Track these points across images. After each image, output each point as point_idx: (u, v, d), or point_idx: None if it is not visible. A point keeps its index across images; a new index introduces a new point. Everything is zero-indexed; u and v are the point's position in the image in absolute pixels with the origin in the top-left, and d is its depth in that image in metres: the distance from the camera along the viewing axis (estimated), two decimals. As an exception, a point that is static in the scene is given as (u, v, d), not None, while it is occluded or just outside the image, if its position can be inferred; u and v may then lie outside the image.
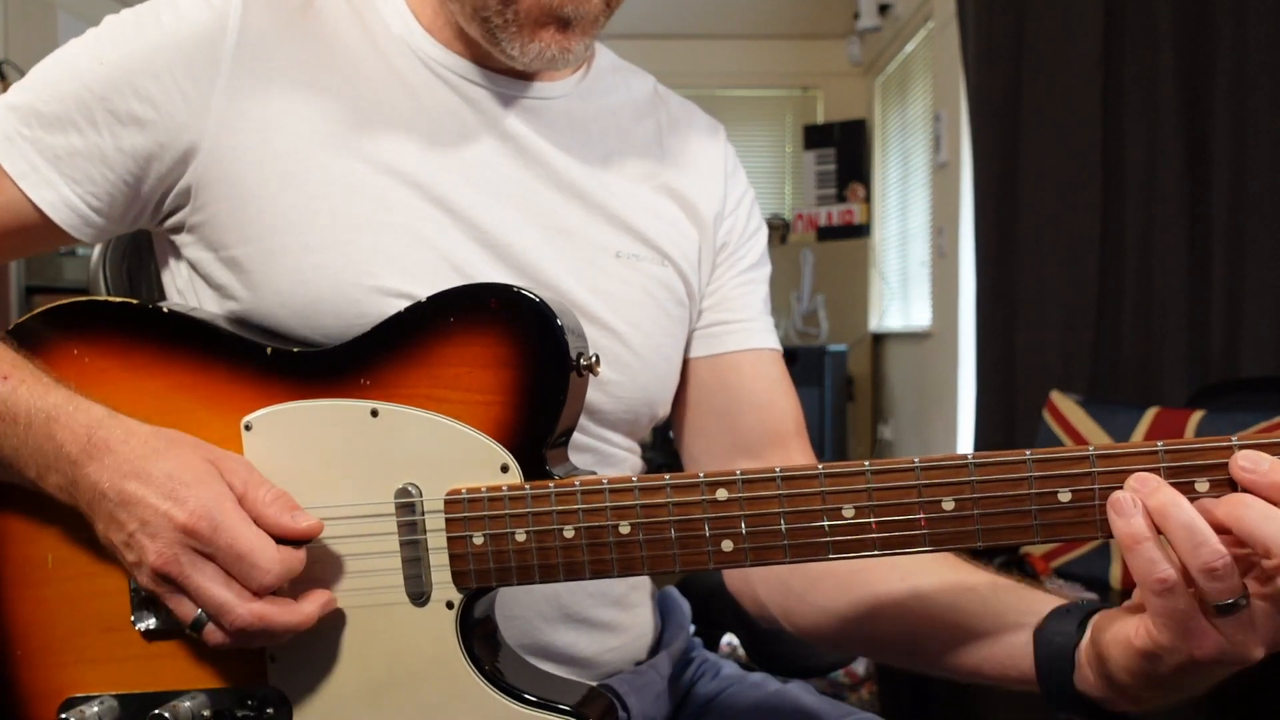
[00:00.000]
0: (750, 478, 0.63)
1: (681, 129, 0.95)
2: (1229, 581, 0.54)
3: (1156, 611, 0.56)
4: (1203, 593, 0.54)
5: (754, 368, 0.92)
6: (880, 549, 0.62)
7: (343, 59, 0.80)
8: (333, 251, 0.75)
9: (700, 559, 0.64)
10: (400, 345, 0.70)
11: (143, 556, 0.63)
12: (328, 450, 0.69)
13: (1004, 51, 3.13)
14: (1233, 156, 2.56)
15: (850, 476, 0.62)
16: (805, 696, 0.91)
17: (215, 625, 0.64)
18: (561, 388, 0.68)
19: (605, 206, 0.85)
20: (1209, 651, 0.55)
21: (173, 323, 0.73)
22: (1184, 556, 0.54)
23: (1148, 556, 0.55)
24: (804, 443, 0.93)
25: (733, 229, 0.94)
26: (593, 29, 0.79)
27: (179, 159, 0.76)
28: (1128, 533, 0.56)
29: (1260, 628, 0.54)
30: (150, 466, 0.64)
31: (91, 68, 0.75)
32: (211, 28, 0.76)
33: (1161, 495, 0.55)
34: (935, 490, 0.60)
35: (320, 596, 0.67)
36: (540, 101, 0.85)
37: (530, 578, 0.67)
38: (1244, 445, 0.55)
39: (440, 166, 0.79)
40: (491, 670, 0.69)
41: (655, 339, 0.86)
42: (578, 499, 0.65)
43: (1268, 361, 2.50)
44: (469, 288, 0.70)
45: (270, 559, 0.63)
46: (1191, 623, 0.55)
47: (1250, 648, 0.55)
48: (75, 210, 0.77)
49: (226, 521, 0.63)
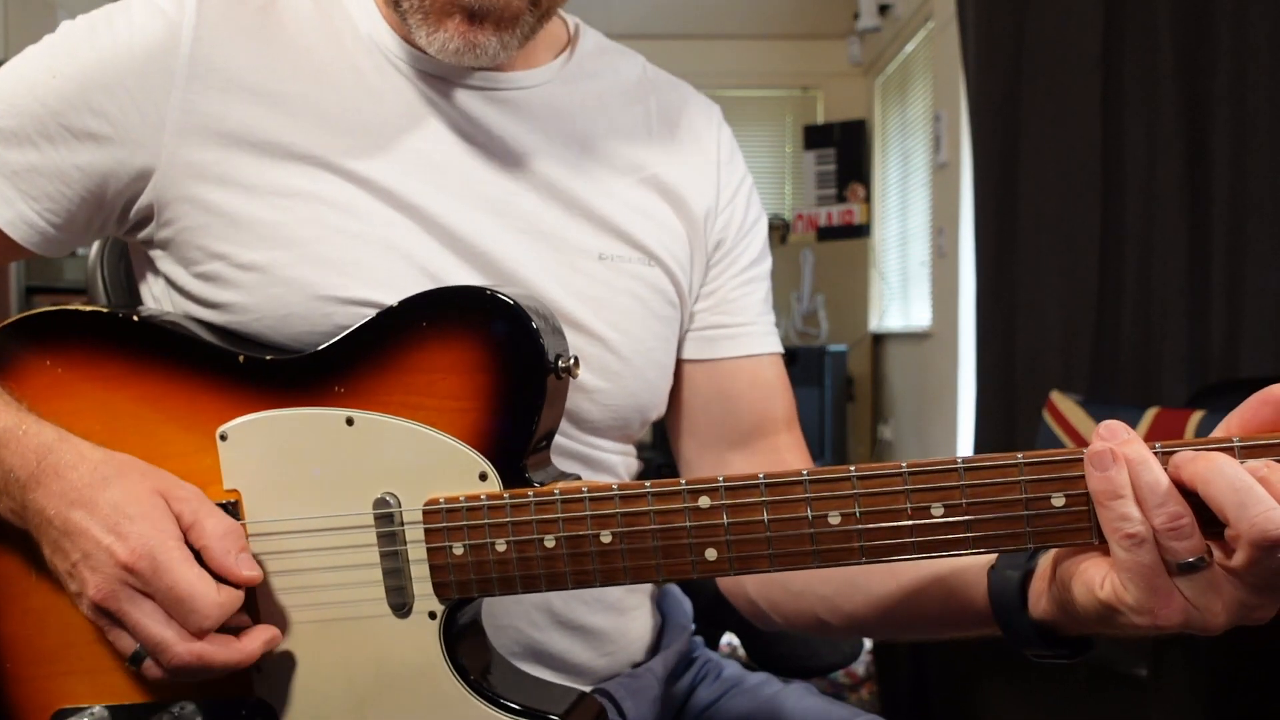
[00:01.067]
0: (733, 485, 0.61)
1: (672, 114, 0.90)
2: (1190, 541, 0.53)
3: (1124, 566, 0.55)
4: (1165, 551, 0.54)
5: (752, 374, 0.89)
6: (867, 557, 0.60)
7: (305, 63, 0.77)
8: (303, 266, 0.74)
9: (684, 568, 0.63)
10: (374, 352, 0.69)
11: (83, 589, 0.63)
12: (304, 460, 0.68)
13: (1004, 51, 3.13)
14: (1233, 156, 2.56)
15: (835, 482, 0.60)
16: (806, 699, 0.90)
17: (153, 661, 0.63)
18: (539, 392, 0.66)
19: (587, 206, 0.82)
20: (1174, 615, 0.54)
21: (145, 331, 0.72)
22: (1147, 513, 0.54)
23: (1120, 512, 0.54)
24: (794, 436, 0.91)
25: (729, 223, 0.90)
26: (513, 26, 0.74)
27: (136, 176, 0.75)
28: (1105, 488, 0.54)
29: (1224, 593, 0.54)
30: (97, 495, 0.63)
31: (45, 81, 0.74)
32: (164, 37, 0.74)
33: (1131, 449, 0.54)
34: (924, 496, 0.59)
35: (263, 633, 0.66)
36: (517, 93, 0.82)
37: (512, 588, 0.66)
38: (1245, 445, 0.54)
39: (408, 173, 0.77)
40: (477, 679, 0.68)
41: (645, 344, 0.83)
42: (558, 508, 0.64)
43: (1268, 361, 2.50)
44: (440, 291, 0.69)
45: (210, 603, 0.62)
46: (1157, 580, 0.54)
47: (1214, 614, 0.54)
48: (34, 227, 0.75)
49: (167, 562, 0.61)
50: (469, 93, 0.80)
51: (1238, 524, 0.51)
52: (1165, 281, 2.72)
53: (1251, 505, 0.50)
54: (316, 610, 0.68)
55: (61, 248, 0.78)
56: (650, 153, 0.87)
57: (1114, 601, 0.56)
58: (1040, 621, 0.64)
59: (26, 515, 0.66)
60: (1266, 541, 0.50)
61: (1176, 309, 2.69)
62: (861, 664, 2.84)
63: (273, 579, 0.68)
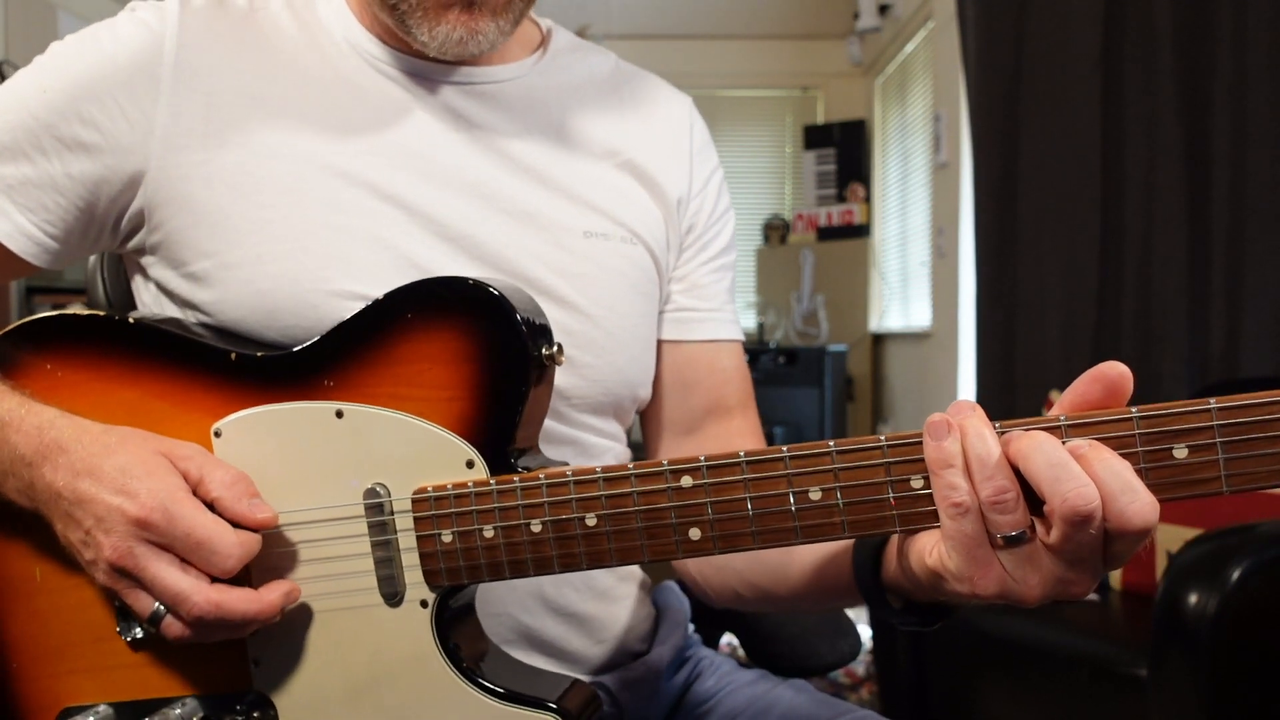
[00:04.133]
0: (715, 463, 0.62)
1: (645, 104, 0.93)
2: (1013, 515, 0.55)
3: (949, 534, 0.57)
4: (989, 523, 0.56)
5: (715, 359, 0.92)
6: (850, 531, 0.61)
7: (287, 65, 0.80)
8: (288, 261, 0.75)
9: (668, 548, 0.63)
10: (361, 344, 0.70)
11: (98, 553, 0.64)
12: (295, 453, 0.69)
13: (1004, 51, 3.13)
14: (1233, 156, 2.56)
15: (815, 458, 0.60)
16: (804, 695, 0.90)
17: (173, 617, 0.64)
18: (523, 379, 0.67)
19: (569, 188, 0.84)
20: (990, 585, 0.57)
21: (139, 333, 0.73)
22: (976, 485, 0.55)
23: (949, 481, 0.56)
24: (748, 420, 0.93)
25: (700, 210, 0.93)
26: (505, 12, 0.78)
27: (127, 182, 0.77)
28: (936, 457, 0.57)
29: (1042, 567, 0.55)
30: (102, 463, 0.64)
31: (36, 95, 0.76)
32: (148, 47, 0.77)
33: (969, 424, 0.56)
34: (904, 469, 0.59)
35: (282, 586, 0.66)
36: (494, 85, 0.85)
37: (500, 574, 0.66)
38: (1223, 407, 0.54)
39: (392, 165, 0.79)
40: (470, 667, 0.69)
41: (630, 319, 0.85)
42: (543, 492, 0.65)
43: (1268, 361, 2.50)
44: (424, 283, 0.70)
45: (229, 543, 0.63)
46: (979, 550, 0.56)
47: (1030, 586, 0.56)
48: (32, 238, 0.77)
49: (180, 510, 0.63)
50: (449, 88, 0.83)
51: (1051, 499, 0.53)
52: (1165, 281, 2.72)
53: (1065, 481, 0.52)
54: (312, 602, 0.69)
55: (59, 260, 0.80)
56: (625, 139, 0.89)
57: (939, 568, 0.59)
58: (891, 586, 0.67)
59: (35, 493, 0.67)
60: (1076, 516, 0.52)
61: (1176, 309, 2.69)
62: (861, 663, 2.84)
63: (269, 573, 0.69)
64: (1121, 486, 0.52)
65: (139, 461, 0.64)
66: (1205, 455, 0.54)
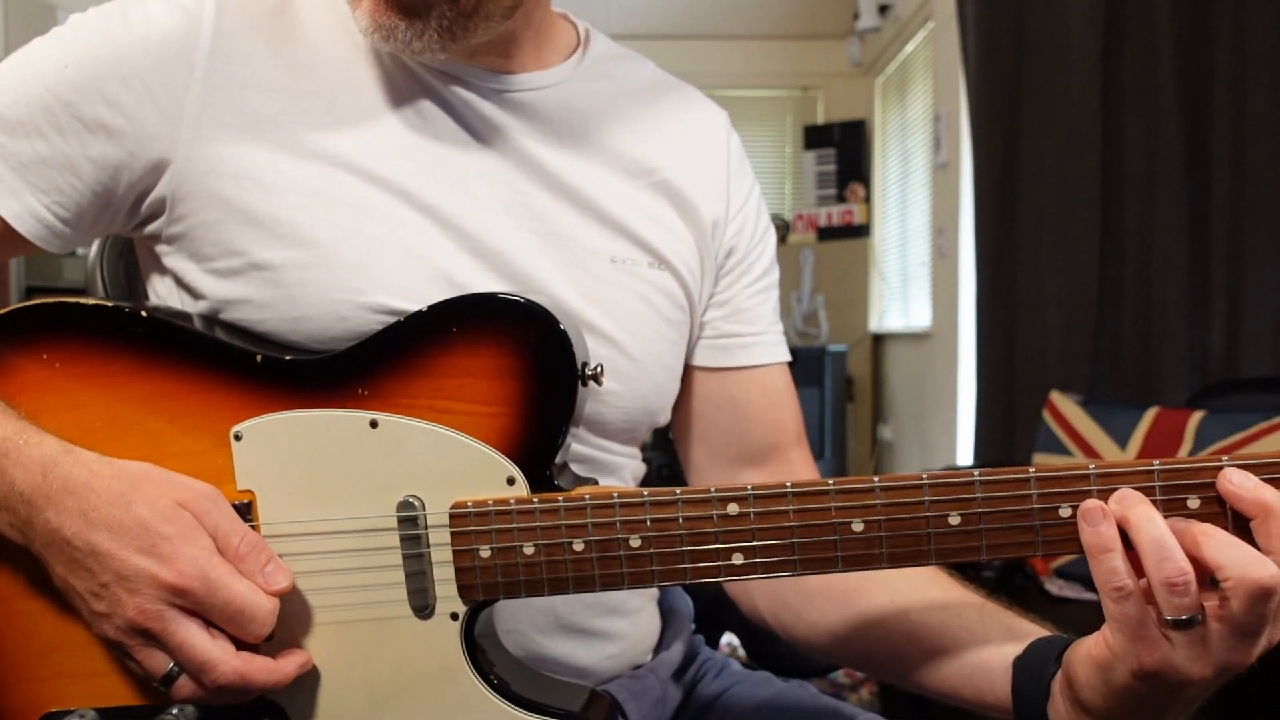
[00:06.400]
0: (761, 493, 0.64)
1: (684, 119, 0.91)
2: (1187, 598, 0.56)
3: (1113, 616, 0.59)
4: (1163, 606, 0.57)
5: (763, 383, 0.90)
6: (889, 563, 0.63)
7: (321, 61, 0.77)
8: (319, 268, 0.73)
9: (711, 571, 0.65)
10: (399, 355, 0.68)
11: (117, 609, 0.62)
12: (323, 461, 0.68)
13: (1004, 51, 3.13)
14: (1233, 156, 2.57)
15: (860, 493, 0.63)
16: (806, 696, 0.90)
17: (193, 681, 0.63)
18: (569, 399, 0.67)
19: (600, 208, 0.82)
20: (1156, 659, 0.58)
21: (153, 327, 0.70)
22: (1149, 569, 0.57)
23: (1109, 566, 0.58)
24: (804, 450, 0.92)
25: (740, 232, 0.90)
26: (423, 16, 0.71)
27: (150, 169, 0.73)
28: (1094, 541, 0.59)
29: (1212, 648, 0.57)
30: (121, 516, 0.62)
31: (56, 70, 0.72)
32: (184, 31, 0.73)
33: (1139, 510, 0.59)
34: (942, 506, 0.62)
35: (299, 657, 0.66)
36: (531, 93, 0.82)
37: (539, 590, 0.67)
38: (1234, 464, 0.59)
39: (425, 172, 0.76)
40: (496, 679, 0.68)
41: (655, 347, 0.83)
42: (587, 513, 0.65)
43: (1268, 361, 2.50)
44: (473, 297, 0.69)
45: (266, 611, 0.63)
46: (1143, 630, 0.58)
47: (1199, 665, 0.58)
48: (41, 221, 0.73)
49: (219, 578, 0.62)
50: (483, 93, 0.80)
51: (1229, 576, 0.56)
52: (1165, 281, 2.72)
53: (1244, 559, 0.56)
54: (334, 612, 0.68)
55: (66, 244, 0.76)
56: (662, 157, 0.87)
57: (1105, 654, 0.60)
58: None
59: (31, 531, 0.64)
60: (1261, 591, 0.55)
61: (1177, 309, 2.70)
62: (862, 664, 2.84)
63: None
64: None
65: (163, 518, 0.62)
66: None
